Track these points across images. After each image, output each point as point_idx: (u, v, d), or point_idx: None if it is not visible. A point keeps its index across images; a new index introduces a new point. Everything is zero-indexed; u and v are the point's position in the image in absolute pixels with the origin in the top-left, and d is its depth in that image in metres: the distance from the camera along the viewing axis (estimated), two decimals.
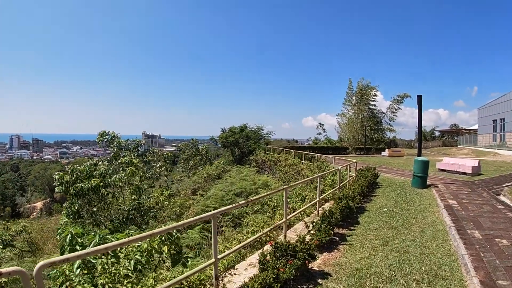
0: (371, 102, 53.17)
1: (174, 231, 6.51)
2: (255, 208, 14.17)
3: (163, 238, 6.51)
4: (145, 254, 6.16)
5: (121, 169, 19.45)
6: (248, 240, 5.96)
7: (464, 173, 17.72)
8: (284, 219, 6.80)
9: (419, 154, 15.17)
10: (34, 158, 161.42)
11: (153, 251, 6.44)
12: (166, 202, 19.42)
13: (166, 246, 6.55)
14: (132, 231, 8.19)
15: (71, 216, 18.48)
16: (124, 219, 18.57)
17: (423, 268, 5.36)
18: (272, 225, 7.39)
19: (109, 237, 6.41)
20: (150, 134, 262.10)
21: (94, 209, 18.79)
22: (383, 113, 54.35)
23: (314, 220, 6.98)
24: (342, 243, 6.75)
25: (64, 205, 22.09)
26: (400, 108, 53.85)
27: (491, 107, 45.77)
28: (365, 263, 5.61)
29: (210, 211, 5.70)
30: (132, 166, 18.72)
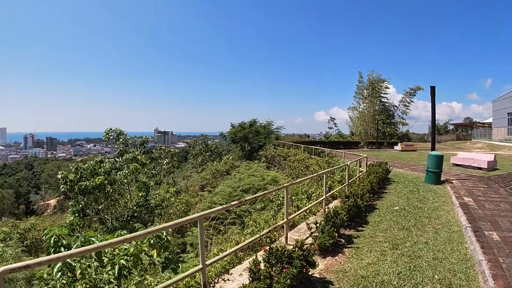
0: (382, 95, 52.11)
1: (164, 233, 6.09)
2: (257, 207, 13.63)
3: (151, 241, 6.10)
4: (131, 258, 5.75)
5: (126, 165, 19.20)
6: (244, 243, 5.50)
7: (480, 168, 17.01)
8: (285, 220, 6.32)
9: (433, 149, 14.51)
10: (48, 156, 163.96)
11: (142, 255, 6.04)
12: (172, 199, 19.09)
13: (155, 250, 6.13)
14: (124, 231, 7.80)
15: (76, 215, 18.40)
16: (128, 218, 18.33)
17: (436, 276, 4.81)
18: (273, 224, 6.93)
19: (93, 239, 6.02)
20: (163, 130, 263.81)
21: (99, 207, 18.60)
22: (396, 106, 53.27)
23: (318, 221, 6.47)
24: (348, 245, 6.23)
25: (69, 203, 22.03)
26: (412, 101, 52.75)
27: (506, 100, 44.38)
28: (372, 269, 5.08)
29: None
30: (136, 162, 18.41)
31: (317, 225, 6.23)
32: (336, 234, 5.87)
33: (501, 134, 43.53)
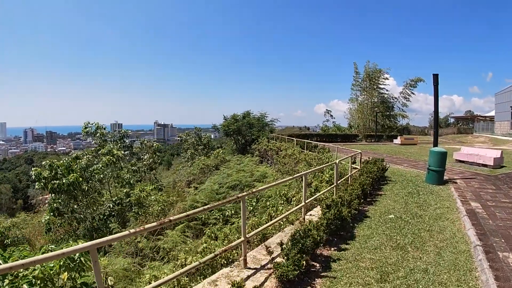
0: (381, 86, 50.45)
1: (77, 255, 4.83)
2: (227, 213, 12.01)
3: (61, 262, 4.88)
4: (38, 281, 4.51)
5: (101, 160, 17.85)
6: (183, 269, 4.03)
7: (485, 165, 15.61)
8: (242, 238, 4.86)
9: (435, 144, 13.00)
10: (48, 150, 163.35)
11: (61, 277, 4.84)
12: (153, 197, 17.68)
13: (65, 273, 4.89)
14: (53, 246, 6.55)
15: (51, 214, 17.26)
16: (105, 217, 16.99)
17: None
18: (239, 238, 5.47)
19: None
20: (163, 123, 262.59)
21: (75, 206, 17.28)
22: (395, 98, 51.64)
23: (285, 240, 5.01)
24: (322, 273, 4.75)
25: (47, 201, 20.70)
26: (413, 93, 51.12)
27: (509, 93, 42.87)
28: None
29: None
30: (112, 156, 17.00)
31: (283, 246, 4.76)
32: (304, 262, 4.37)
33: (504, 128, 42.11)
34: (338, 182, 9.55)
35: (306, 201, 7.16)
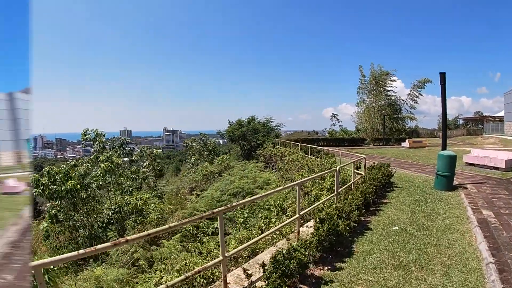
0: (387, 89, 49.60)
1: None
2: (215, 225, 11.40)
3: None
4: None
5: (99, 167, 17.54)
6: None
7: (496, 168, 14.88)
8: (221, 257, 4.29)
9: (444, 147, 12.28)
10: (58, 157, 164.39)
11: None
12: (152, 206, 17.25)
13: None
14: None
15: (49, 221, 17.01)
16: (104, 225, 16.60)
17: None
18: (225, 253, 4.89)
19: None
20: (171, 129, 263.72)
21: (72, 213, 16.95)
22: (403, 100, 50.75)
23: (267, 259, 4.41)
24: None
25: (45, 208, 20.43)
26: (421, 95, 50.21)
27: None
28: None
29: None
30: (111, 163, 16.66)
31: (265, 268, 4.18)
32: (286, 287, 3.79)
33: None
34: (340, 190, 8.91)
35: (301, 212, 6.56)
